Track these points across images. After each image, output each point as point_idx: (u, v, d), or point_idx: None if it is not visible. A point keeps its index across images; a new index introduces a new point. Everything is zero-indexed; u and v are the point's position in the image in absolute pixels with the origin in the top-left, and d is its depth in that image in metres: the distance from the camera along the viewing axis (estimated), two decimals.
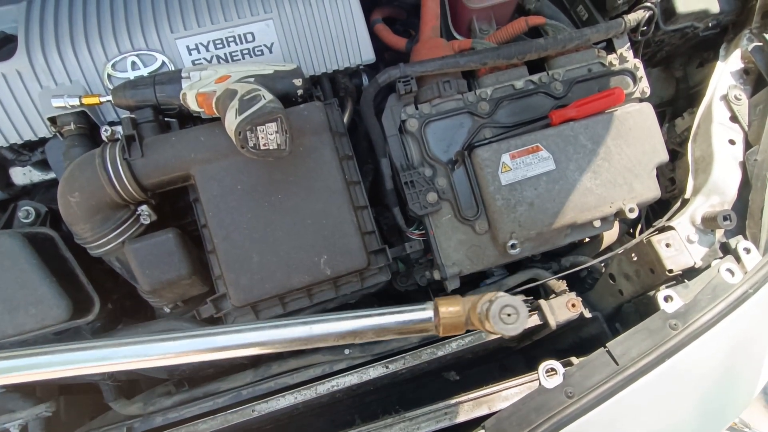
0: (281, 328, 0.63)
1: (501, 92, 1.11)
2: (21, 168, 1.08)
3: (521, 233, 1.04)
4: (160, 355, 0.60)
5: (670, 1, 1.17)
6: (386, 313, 0.64)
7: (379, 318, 0.64)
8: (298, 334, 0.63)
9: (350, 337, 0.63)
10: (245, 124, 0.72)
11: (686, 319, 0.90)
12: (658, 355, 0.89)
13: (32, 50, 0.93)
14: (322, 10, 1.01)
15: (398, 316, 0.64)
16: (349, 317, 0.64)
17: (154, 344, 0.61)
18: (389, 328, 0.63)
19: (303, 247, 0.92)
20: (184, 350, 0.61)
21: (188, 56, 0.98)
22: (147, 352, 0.60)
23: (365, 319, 0.64)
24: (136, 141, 0.88)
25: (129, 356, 0.60)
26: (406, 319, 0.64)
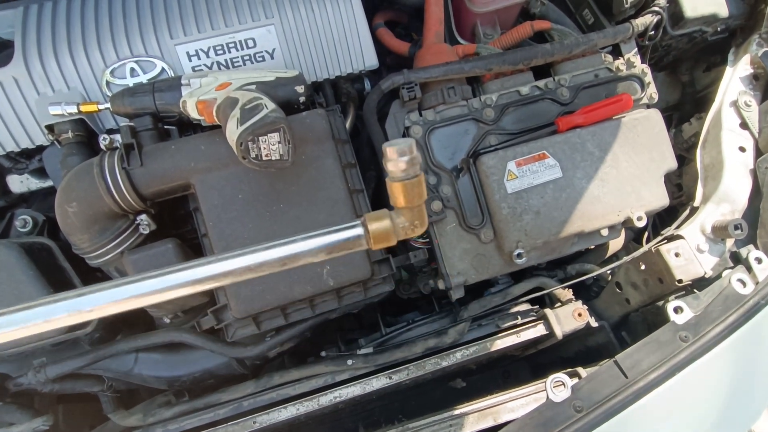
0: (216, 263, 0.60)
1: (506, 98, 1.09)
2: (18, 176, 1.06)
3: (527, 242, 1.02)
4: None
5: (678, 6, 1.15)
6: (318, 235, 0.62)
7: (311, 241, 0.62)
8: (236, 265, 0.62)
9: (287, 261, 0.61)
10: (247, 134, 0.70)
11: (697, 331, 0.89)
12: (669, 368, 0.87)
13: (29, 56, 0.91)
14: (324, 14, 0.99)
15: (330, 237, 0.63)
16: (280, 244, 0.63)
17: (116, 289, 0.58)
18: (322, 248, 0.61)
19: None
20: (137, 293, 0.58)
21: (188, 62, 0.96)
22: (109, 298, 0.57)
23: (298, 244, 0.62)
24: (135, 150, 0.86)
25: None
26: (337, 239, 0.62)
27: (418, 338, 1.14)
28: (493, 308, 1.18)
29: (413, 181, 0.58)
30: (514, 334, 1.15)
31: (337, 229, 0.62)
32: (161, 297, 0.58)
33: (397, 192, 0.60)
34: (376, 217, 0.63)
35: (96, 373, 1.05)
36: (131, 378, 1.06)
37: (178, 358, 1.06)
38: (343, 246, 0.62)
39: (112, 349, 0.99)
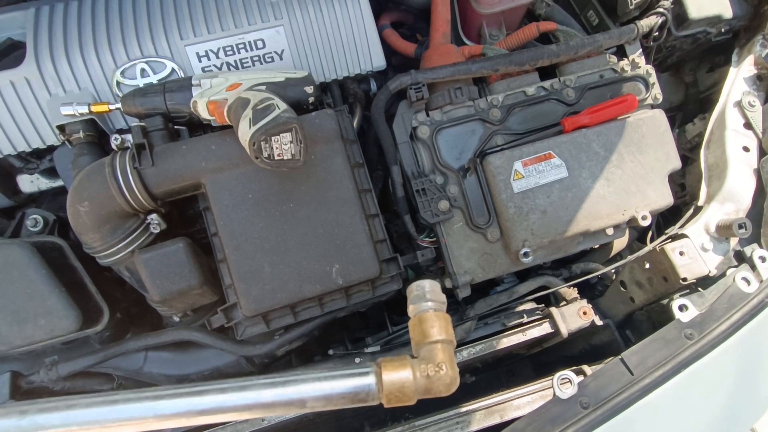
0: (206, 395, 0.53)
1: (512, 99, 1.10)
2: (29, 176, 1.07)
3: (534, 241, 1.03)
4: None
5: (682, 7, 1.16)
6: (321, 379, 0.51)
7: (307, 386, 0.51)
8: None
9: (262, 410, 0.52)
10: (259, 134, 0.71)
11: (702, 329, 0.90)
12: (674, 365, 0.88)
13: (41, 57, 0.92)
14: (333, 16, 1.00)
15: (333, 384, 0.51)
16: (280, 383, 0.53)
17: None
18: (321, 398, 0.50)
19: (315, 257, 0.91)
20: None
21: (198, 63, 0.97)
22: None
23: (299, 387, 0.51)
24: (146, 150, 0.87)
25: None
26: (341, 389, 0.50)
27: None
28: (499, 307, 1.19)
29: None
30: (520, 332, 1.16)
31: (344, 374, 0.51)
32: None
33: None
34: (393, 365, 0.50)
35: (106, 372, 1.06)
36: (141, 376, 1.07)
37: (187, 357, 1.07)
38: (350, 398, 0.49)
39: (122, 347, 1.00)
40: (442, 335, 0.53)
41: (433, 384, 0.48)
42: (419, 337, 0.53)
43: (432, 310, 0.53)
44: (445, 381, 0.49)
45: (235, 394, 0.52)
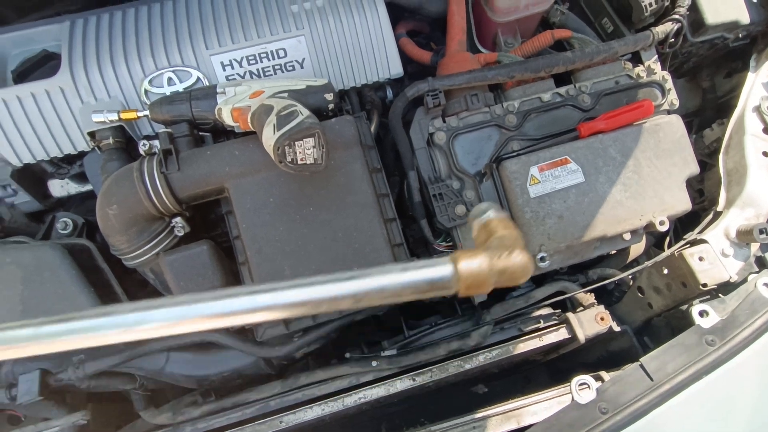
0: (277, 291, 0.54)
1: (528, 105, 1.11)
2: (59, 180, 1.11)
3: (550, 246, 1.03)
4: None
5: (699, 13, 1.16)
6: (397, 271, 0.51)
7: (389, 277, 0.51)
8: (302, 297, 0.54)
9: (352, 300, 0.53)
10: (284, 139, 0.73)
11: (724, 335, 0.89)
12: (695, 372, 0.87)
13: (75, 68, 0.96)
14: (352, 26, 1.03)
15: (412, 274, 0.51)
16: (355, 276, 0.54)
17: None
18: (399, 291, 0.51)
19: (334, 260, 0.93)
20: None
21: (222, 72, 1.00)
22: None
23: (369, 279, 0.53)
24: (173, 155, 0.90)
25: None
26: (420, 279, 0.51)
27: (442, 341, 1.15)
28: (516, 311, 1.19)
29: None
30: (537, 337, 1.15)
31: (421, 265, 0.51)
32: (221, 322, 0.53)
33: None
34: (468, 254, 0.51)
35: (129, 371, 1.09)
36: (162, 377, 1.09)
37: (207, 358, 1.09)
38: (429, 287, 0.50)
39: (145, 347, 1.03)
40: (509, 229, 0.52)
41: (507, 268, 0.47)
42: (485, 236, 0.52)
43: (493, 216, 0.51)
44: (519, 264, 0.48)
45: (320, 287, 0.54)
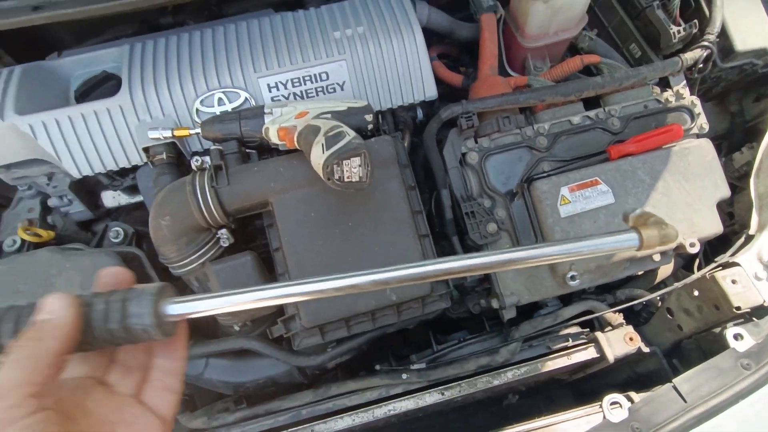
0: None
1: (558, 127, 1.15)
2: (112, 192, 1.18)
3: (581, 265, 1.05)
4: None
5: (728, 40, 1.19)
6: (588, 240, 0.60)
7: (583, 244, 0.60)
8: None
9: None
10: (333, 158, 0.78)
11: (759, 359, 0.89)
12: (731, 396, 0.87)
13: (134, 88, 1.04)
14: (390, 51, 1.09)
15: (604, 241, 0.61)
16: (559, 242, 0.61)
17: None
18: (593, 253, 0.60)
19: None
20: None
21: (268, 93, 1.07)
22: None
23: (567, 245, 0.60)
24: (223, 170, 0.96)
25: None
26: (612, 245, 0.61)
27: (471, 356, 1.17)
28: (544, 329, 1.20)
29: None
30: (565, 356, 1.16)
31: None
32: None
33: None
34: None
35: None
36: (201, 382, 1.13)
37: (243, 365, 1.13)
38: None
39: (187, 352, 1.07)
40: (655, 216, 0.63)
41: (667, 234, 0.61)
42: (642, 221, 0.63)
43: (643, 211, 0.64)
44: (672, 231, 0.62)
45: (520, 253, 0.59)
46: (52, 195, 1.18)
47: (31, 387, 0.38)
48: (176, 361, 0.51)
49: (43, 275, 0.96)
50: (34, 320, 0.43)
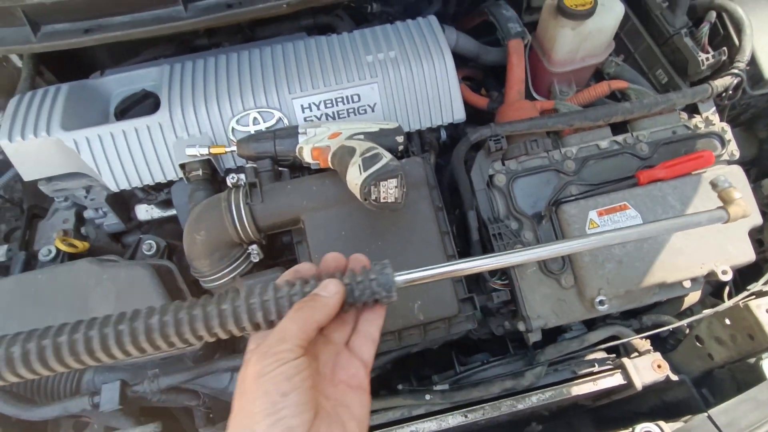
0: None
1: (586, 151, 1.15)
2: (145, 206, 1.21)
3: (609, 290, 1.04)
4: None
5: (757, 67, 1.19)
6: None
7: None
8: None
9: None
10: (371, 179, 0.80)
11: None
12: None
13: (173, 107, 1.08)
14: (421, 74, 1.11)
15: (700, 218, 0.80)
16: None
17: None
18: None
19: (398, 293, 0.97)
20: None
21: (301, 113, 1.10)
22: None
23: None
24: (257, 188, 0.98)
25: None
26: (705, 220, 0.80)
27: (495, 378, 1.16)
28: (570, 354, 1.19)
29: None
30: (591, 381, 1.15)
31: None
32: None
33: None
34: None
35: (194, 389, 1.14)
36: (224, 395, 1.14)
37: None
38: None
39: (214, 365, 1.08)
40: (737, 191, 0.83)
41: (746, 210, 0.81)
42: (726, 196, 0.83)
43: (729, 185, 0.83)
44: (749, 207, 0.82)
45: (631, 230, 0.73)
46: (89, 207, 1.22)
47: (301, 340, 0.53)
48: (379, 315, 0.65)
49: (81, 285, 0.98)
50: (315, 293, 0.57)
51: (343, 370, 0.59)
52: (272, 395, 0.49)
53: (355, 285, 0.60)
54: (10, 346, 0.52)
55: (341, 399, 0.56)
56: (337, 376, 0.59)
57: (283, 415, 0.48)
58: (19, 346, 0.52)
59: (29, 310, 0.99)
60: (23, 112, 1.07)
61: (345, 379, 0.59)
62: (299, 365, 0.51)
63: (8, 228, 1.32)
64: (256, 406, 0.49)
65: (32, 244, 1.26)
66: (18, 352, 0.52)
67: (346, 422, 0.54)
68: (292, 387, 0.50)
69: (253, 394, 0.50)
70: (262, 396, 0.49)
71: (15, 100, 1.10)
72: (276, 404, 0.49)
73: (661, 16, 1.30)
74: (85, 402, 1.01)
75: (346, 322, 0.63)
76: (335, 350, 0.61)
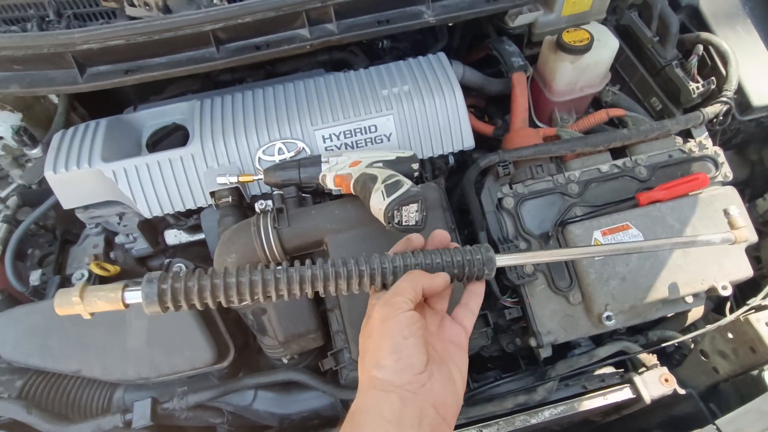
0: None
1: (588, 175, 1.23)
2: (175, 231, 1.29)
3: (615, 306, 1.10)
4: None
5: (744, 96, 1.28)
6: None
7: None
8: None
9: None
10: (394, 204, 0.87)
11: None
12: None
13: (204, 139, 1.16)
14: (433, 106, 1.20)
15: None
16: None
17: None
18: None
19: None
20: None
21: (323, 143, 1.18)
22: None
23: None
24: (284, 213, 1.06)
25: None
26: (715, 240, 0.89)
27: (509, 394, 1.20)
28: (579, 369, 1.23)
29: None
30: (601, 395, 1.19)
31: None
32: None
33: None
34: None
35: (219, 406, 1.19)
36: (248, 413, 1.18)
37: (289, 398, 1.19)
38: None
39: (239, 383, 1.13)
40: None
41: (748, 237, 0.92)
42: (735, 223, 0.93)
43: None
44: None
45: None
46: (121, 233, 1.29)
47: (412, 295, 0.66)
48: (478, 293, 0.77)
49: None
50: (432, 276, 0.71)
51: (448, 330, 0.71)
52: (396, 336, 0.61)
53: (458, 258, 0.73)
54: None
55: (446, 351, 0.68)
56: (443, 334, 0.70)
57: (406, 353, 0.60)
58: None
59: (69, 329, 1.05)
60: (66, 146, 1.15)
61: (449, 337, 0.70)
62: (413, 316, 0.64)
63: (42, 253, 1.39)
64: (383, 344, 0.61)
65: (65, 269, 1.33)
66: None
67: (452, 368, 0.66)
68: (411, 332, 0.62)
69: (379, 334, 0.62)
70: (387, 336, 0.61)
71: (59, 135, 1.19)
72: (399, 344, 0.61)
73: (652, 49, 1.40)
74: (117, 419, 1.05)
75: (444, 294, 0.75)
76: (440, 317, 0.73)
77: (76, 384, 1.13)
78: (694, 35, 1.38)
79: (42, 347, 1.06)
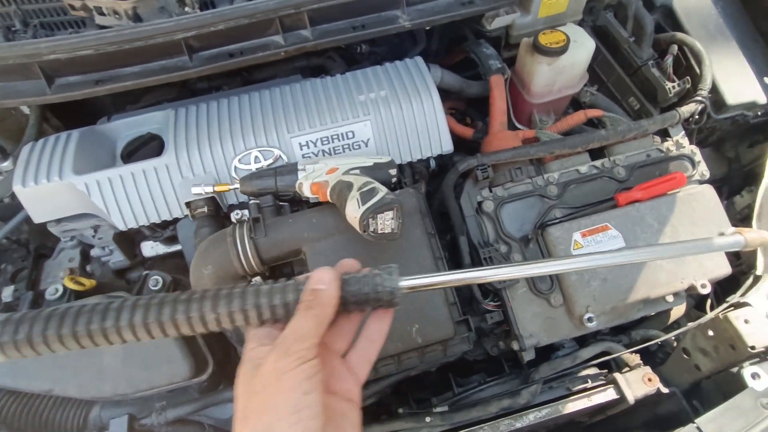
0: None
1: (567, 176, 1.23)
2: (151, 242, 1.26)
3: (596, 307, 1.10)
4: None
5: (719, 95, 1.29)
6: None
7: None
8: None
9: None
10: (369, 212, 0.86)
11: None
12: None
13: (179, 148, 1.14)
14: (410, 111, 1.19)
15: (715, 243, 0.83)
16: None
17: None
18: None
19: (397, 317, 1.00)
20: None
21: (300, 151, 1.17)
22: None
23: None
24: (260, 222, 1.04)
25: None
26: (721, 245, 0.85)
27: (493, 398, 1.20)
28: (563, 371, 1.23)
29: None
30: (586, 397, 1.19)
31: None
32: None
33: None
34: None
35: (200, 420, 1.17)
36: (229, 426, 1.16)
37: None
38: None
39: (219, 396, 1.11)
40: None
41: (765, 239, 0.83)
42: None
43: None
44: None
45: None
46: (96, 246, 1.26)
47: (316, 338, 0.54)
48: (382, 329, 0.65)
49: None
50: (313, 288, 0.57)
51: (340, 381, 0.60)
52: (296, 392, 0.49)
53: (355, 279, 0.60)
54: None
55: (338, 408, 0.57)
56: (334, 386, 0.59)
57: (306, 414, 0.49)
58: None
59: None
60: (36, 159, 1.13)
61: (341, 391, 0.59)
62: (316, 365, 0.52)
63: (15, 269, 1.35)
64: (279, 402, 0.49)
65: (38, 284, 1.30)
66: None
67: (348, 430, 0.56)
68: (312, 387, 0.50)
69: (274, 389, 0.50)
70: (285, 392, 0.49)
71: (27, 147, 1.16)
72: (299, 402, 0.49)
73: (629, 50, 1.41)
74: None
75: (345, 331, 0.63)
76: (331, 358, 0.61)
77: (50, 403, 1.09)
78: (669, 35, 1.39)
79: (13, 367, 1.03)
